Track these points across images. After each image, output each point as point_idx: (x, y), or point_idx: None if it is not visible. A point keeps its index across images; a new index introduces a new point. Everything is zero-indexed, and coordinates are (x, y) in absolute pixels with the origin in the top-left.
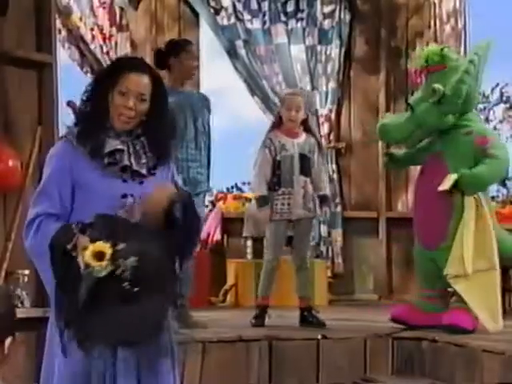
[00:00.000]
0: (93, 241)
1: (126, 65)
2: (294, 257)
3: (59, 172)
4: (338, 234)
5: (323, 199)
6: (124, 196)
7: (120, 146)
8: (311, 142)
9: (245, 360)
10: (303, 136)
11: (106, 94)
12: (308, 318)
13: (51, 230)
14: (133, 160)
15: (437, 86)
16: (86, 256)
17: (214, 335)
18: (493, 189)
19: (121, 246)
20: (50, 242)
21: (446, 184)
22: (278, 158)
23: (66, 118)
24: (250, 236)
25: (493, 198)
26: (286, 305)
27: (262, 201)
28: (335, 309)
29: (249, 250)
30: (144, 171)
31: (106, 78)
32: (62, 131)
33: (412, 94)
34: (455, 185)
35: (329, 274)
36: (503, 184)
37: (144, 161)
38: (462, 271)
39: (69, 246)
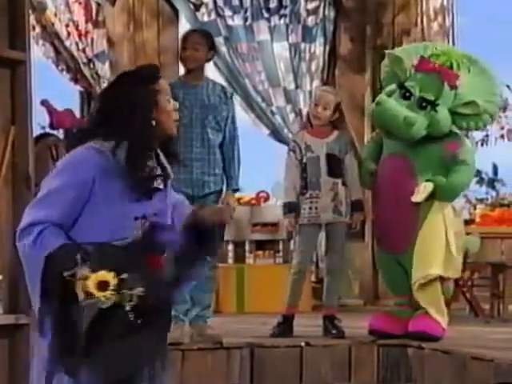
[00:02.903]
0: (94, 270)
1: (156, 72)
2: (327, 265)
3: (81, 184)
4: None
5: (355, 205)
6: (136, 218)
7: (161, 186)
8: (343, 141)
9: (225, 368)
10: (333, 135)
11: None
12: (328, 327)
13: (51, 245)
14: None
15: (480, 102)
16: (89, 286)
17: (193, 342)
18: (482, 191)
19: (125, 275)
20: (48, 262)
21: (420, 196)
22: (304, 160)
23: (39, 118)
24: (232, 240)
25: (482, 200)
26: (269, 311)
27: (288, 207)
28: (319, 315)
29: (230, 255)
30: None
31: (144, 91)
32: (36, 131)
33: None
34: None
35: (313, 278)
36: (492, 186)
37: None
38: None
39: (66, 274)
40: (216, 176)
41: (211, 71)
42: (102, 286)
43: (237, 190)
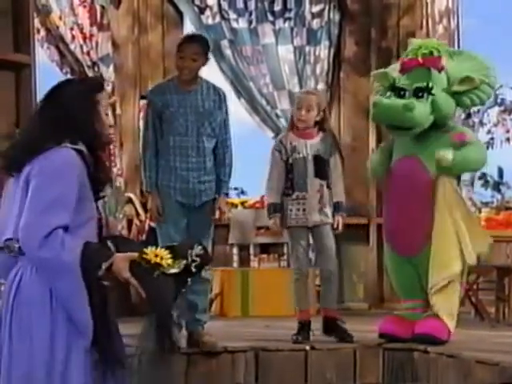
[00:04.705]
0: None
1: (100, 84)
2: (320, 267)
3: (77, 185)
4: None
5: (337, 206)
6: (98, 220)
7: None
8: (328, 142)
9: (230, 372)
10: (318, 137)
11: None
12: (332, 328)
13: (75, 245)
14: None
15: (474, 75)
16: (151, 259)
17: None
18: (487, 194)
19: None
20: (84, 260)
21: (446, 159)
22: (290, 160)
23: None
24: (236, 243)
25: (487, 203)
26: (274, 315)
27: (272, 209)
28: None
29: (235, 258)
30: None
31: (93, 99)
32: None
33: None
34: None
35: (317, 282)
36: (498, 189)
37: None
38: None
39: (105, 265)
40: (211, 183)
41: (215, 75)
42: (160, 257)
43: (227, 195)
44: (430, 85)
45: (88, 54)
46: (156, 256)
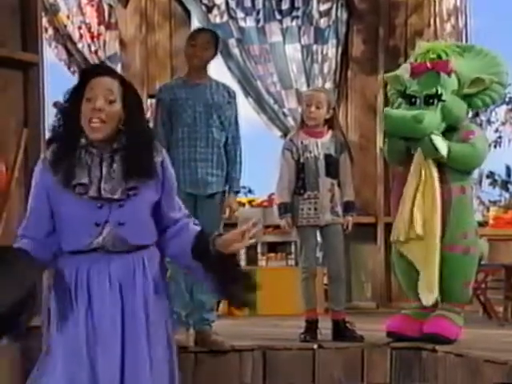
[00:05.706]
0: None
1: (88, 73)
2: (328, 267)
3: (38, 197)
4: None
5: (347, 206)
6: (97, 224)
7: (84, 180)
8: (337, 141)
9: (238, 371)
10: (328, 135)
11: (76, 111)
12: (342, 331)
13: None
14: (105, 185)
15: (484, 76)
16: None
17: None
18: (495, 193)
19: None
20: None
21: (443, 147)
22: (302, 160)
23: (52, 120)
24: None
25: (495, 202)
26: (282, 314)
27: (283, 208)
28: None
29: (242, 257)
30: (118, 195)
31: (73, 94)
32: (49, 134)
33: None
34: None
35: (325, 280)
36: (505, 188)
37: (121, 181)
38: (410, 234)
39: None
40: (218, 177)
41: (223, 73)
42: None
43: (238, 192)
44: (440, 91)
45: (96, 53)
46: None
